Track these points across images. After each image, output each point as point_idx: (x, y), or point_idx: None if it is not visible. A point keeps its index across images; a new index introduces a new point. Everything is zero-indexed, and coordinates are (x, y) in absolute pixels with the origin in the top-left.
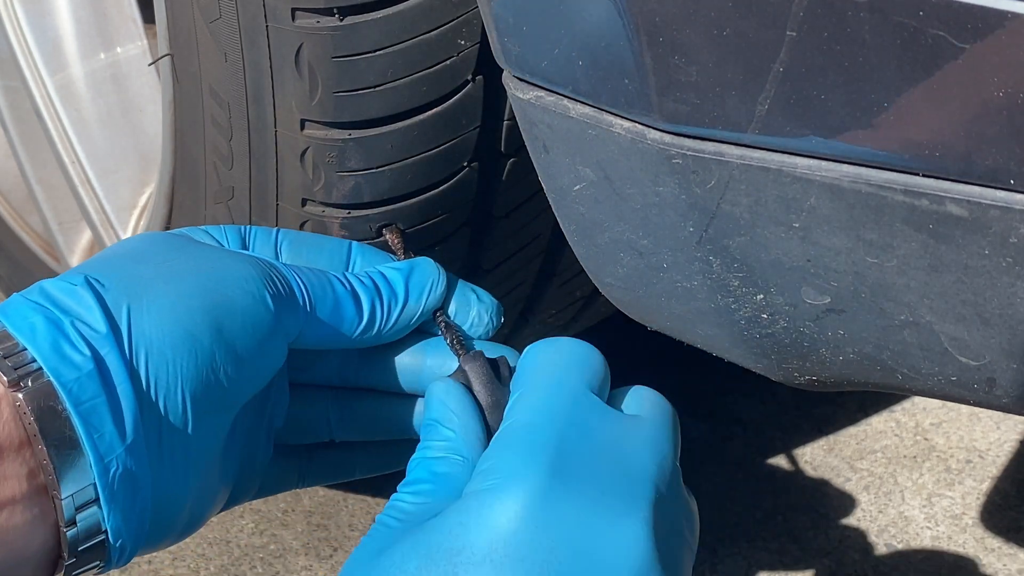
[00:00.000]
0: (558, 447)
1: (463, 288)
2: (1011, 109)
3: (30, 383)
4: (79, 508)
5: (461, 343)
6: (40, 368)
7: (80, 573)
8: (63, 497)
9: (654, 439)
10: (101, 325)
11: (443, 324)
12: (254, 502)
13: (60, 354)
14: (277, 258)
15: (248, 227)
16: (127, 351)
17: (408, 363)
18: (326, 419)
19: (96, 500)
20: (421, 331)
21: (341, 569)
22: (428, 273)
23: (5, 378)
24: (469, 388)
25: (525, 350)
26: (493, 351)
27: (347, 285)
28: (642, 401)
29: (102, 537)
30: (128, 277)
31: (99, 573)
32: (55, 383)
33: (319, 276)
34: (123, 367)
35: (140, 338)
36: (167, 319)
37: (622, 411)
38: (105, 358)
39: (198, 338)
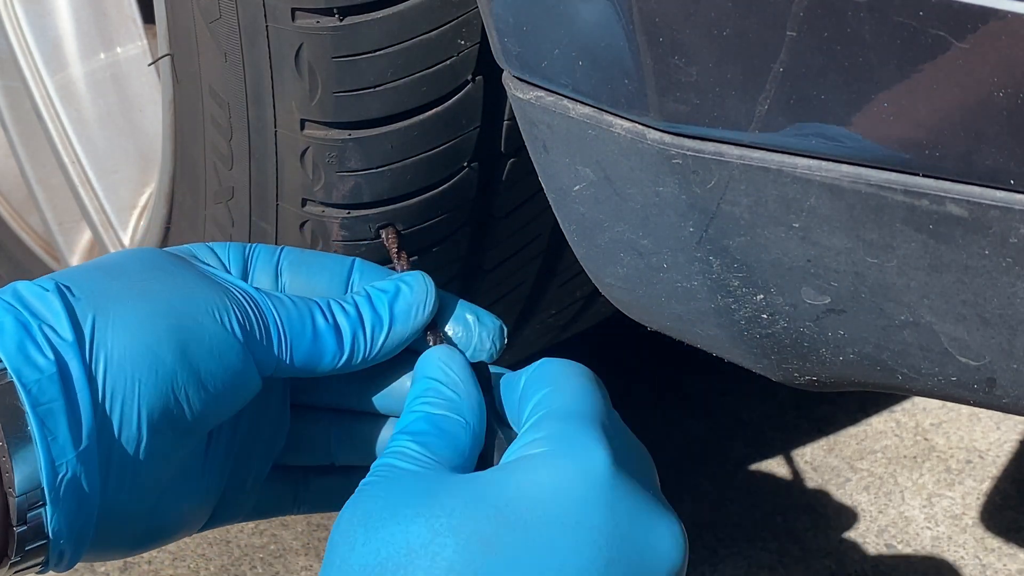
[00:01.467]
0: (608, 435)
1: (463, 309)
2: (1011, 109)
3: None
4: (30, 506)
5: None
6: (4, 367)
7: (21, 571)
8: (17, 495)
9: (649, 461)
10: (67, 332)
11: (430, 341)
12: None
13: (24, 355)
14: (277, 277)
15: (253, 245)
16: (88, 360)
17: (408, 387)
18: (327, 441)
19: (43, 501)
20: (414, 351)
21: (340, 518)
22: (416, 293)
23: None
24: None
25: (541, 360)
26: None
27: (329, 318)
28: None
29: (45, 541)
30: (99, 289)
31: (38, 574)
32: (16, 382)
33: (300, 310)
34: (84, 375)
35: (101, 348)
36: (130, 333)
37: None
38: (68, 364)
39: (159, 356)
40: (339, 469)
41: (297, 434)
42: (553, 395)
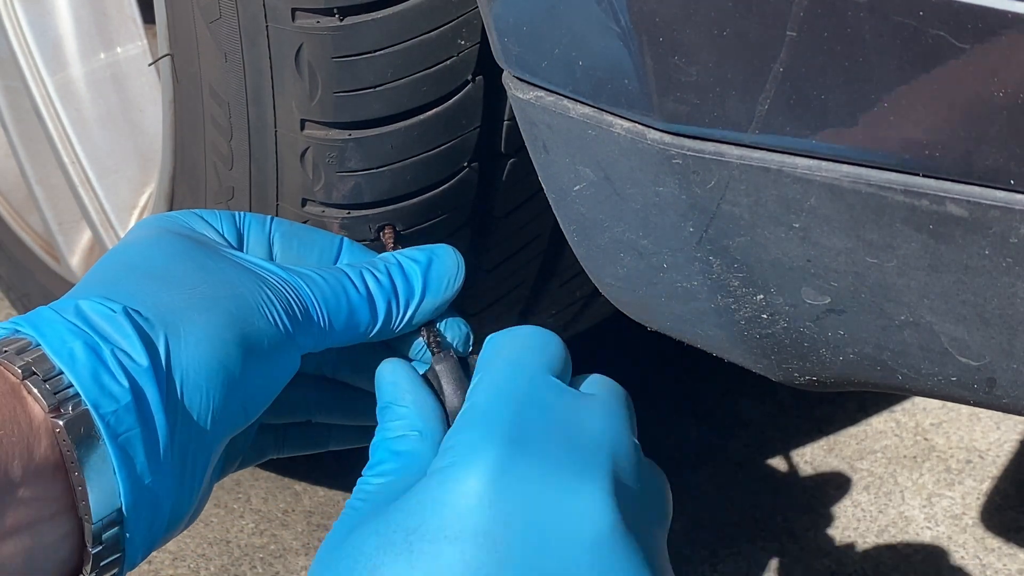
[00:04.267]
0: (515, 423)
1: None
2: (1011, 109)
3: (70, 410)
4: (105, 528)
5: (439, 343)
6: (78, 394)
7: None
8: (95, 521)
9: (608, 414)
10: (142, 358)
11: (423, 335)
12: (254, 502)
13: (99, 384)
14: (270, 248)
15: (242, 214)
16: (165, 385)
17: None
18: (305, 403)
19: (120, 522)
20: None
21: (315, 556)
22: (448, 266)
23: (45, 403)
24: (439, 385)
25: (487, 339)
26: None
27: (361, 289)
28: (596, 384)
29: (120, 554)
30: (163, 307)
31: None
32: (94, 414)
33: (335, 286)
34: (160, 401)
35: (178, 372)
36: (204, 352)
37: (579, 391)
38: (144, 389)
39: (231, 370)
40: (315, 424)
41: (279, 397)
42: (476, 388)
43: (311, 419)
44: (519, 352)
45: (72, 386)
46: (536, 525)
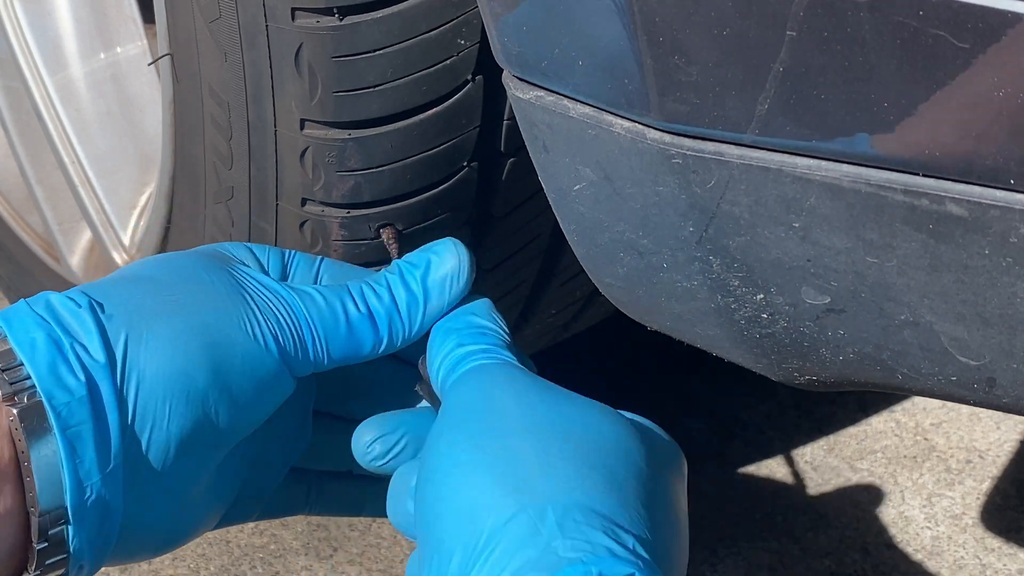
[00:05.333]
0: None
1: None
2: (1011, 109)
3: (25, 399)
4: (51, 523)
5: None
6: (34, 385)
7: None
8: (40, 514)
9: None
10: (99, 353)
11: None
12: None
13: (56, 376)
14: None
15: (292, 252)
16: (120, 383)
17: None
18: (346, 450)
19: (66, 520)
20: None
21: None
22: (448, 264)
23: (0, 392)
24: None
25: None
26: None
27: (361, 306)
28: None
29: (65, 555)
30: (131, 306)
31: None
32: (46, 404)
33: (331, 304)
34: (114, 397)
35: (133, 370)
36: (163, 354)
37: None
38: (99, 385)
39: (192, 377)
40: (356, 476)
41: (319, 441)
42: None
43: (352, 470)
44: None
45: (29, 377)
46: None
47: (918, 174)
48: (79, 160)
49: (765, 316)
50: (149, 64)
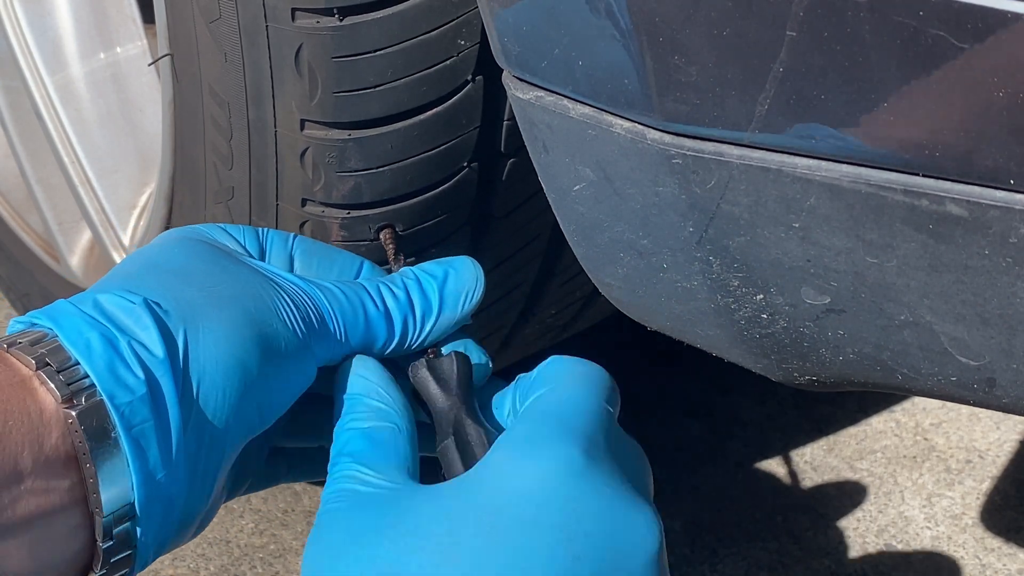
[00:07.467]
0: (589, 436)
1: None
2: (1011, 109)
3: (83, 400)
4: (116, 522)
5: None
6: (93, 385)
7: None
8: (105, 515)
9: (639, 456)
10: (159, 349)
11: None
12: (254, 502)
13: (115, 375)
14: (291, 264)
15: (264, 230)
16: (181, 377)
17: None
18: (319, 426)
19: (132, 517)
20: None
21: (307, 551)
22: (466, 279)
23: (58, 393)
24: (422, 384)
25: (552, 358)
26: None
27: (379, 305)
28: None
29: (131, 551)
30: (182, 300)
31: None
32: (108, 405)
33: (352, 301)
34: (175, 393)
35: (195, 366)
36: (222, 348)
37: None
38: (160, 382)
39: (248, 368)
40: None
41: (292, 419)
42: (547, 395)
43: (323, 444)
44: (589, 378)
45: (87, 377)
46: (604, 532)
47: (918, 174)
48: (79, 160)
49: (765, 316)
50: (149, 64)
